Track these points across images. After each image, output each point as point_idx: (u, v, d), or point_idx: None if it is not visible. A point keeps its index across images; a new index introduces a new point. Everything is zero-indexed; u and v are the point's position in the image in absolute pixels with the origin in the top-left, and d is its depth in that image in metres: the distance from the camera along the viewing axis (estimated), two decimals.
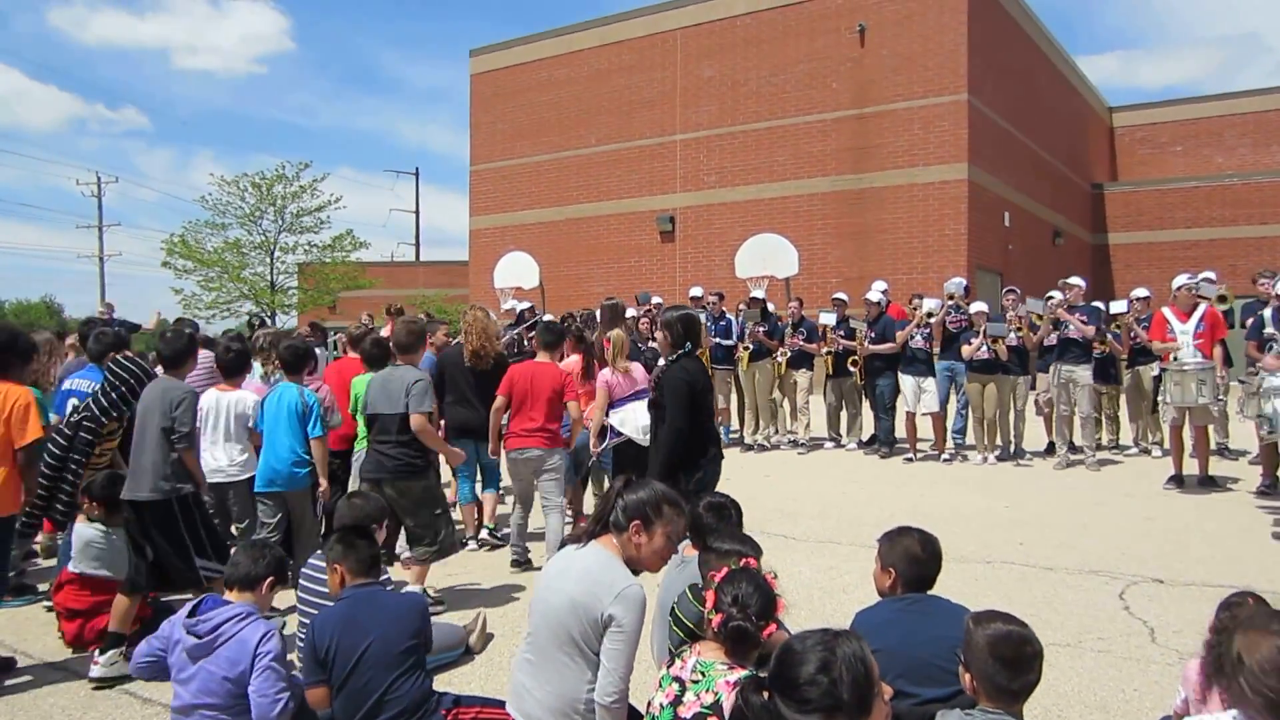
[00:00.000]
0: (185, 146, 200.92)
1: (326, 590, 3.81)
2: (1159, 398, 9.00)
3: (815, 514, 7.72)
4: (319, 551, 4.17)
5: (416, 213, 46.41)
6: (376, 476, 5.23)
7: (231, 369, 5.79)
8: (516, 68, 25.32)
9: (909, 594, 3.22)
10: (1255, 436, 8.33)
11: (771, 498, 8.48)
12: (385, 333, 7.76)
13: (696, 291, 13.23)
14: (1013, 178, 21.55)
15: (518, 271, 16.27)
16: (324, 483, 5.65)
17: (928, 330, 10.45)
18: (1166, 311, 8.82)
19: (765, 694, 2.05)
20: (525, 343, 12.00)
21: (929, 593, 3.27)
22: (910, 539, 3.25)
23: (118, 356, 5.40)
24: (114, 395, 5.20)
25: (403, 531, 5.44)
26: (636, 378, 6.65)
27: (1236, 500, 8.09)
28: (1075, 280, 10.27)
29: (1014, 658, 2.40)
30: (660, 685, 2.78)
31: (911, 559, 3.20)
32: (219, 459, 5.72)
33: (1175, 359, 8.36)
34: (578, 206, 24.16)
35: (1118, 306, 10.52)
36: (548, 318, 13.07)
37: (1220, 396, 8.55)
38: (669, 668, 2.80)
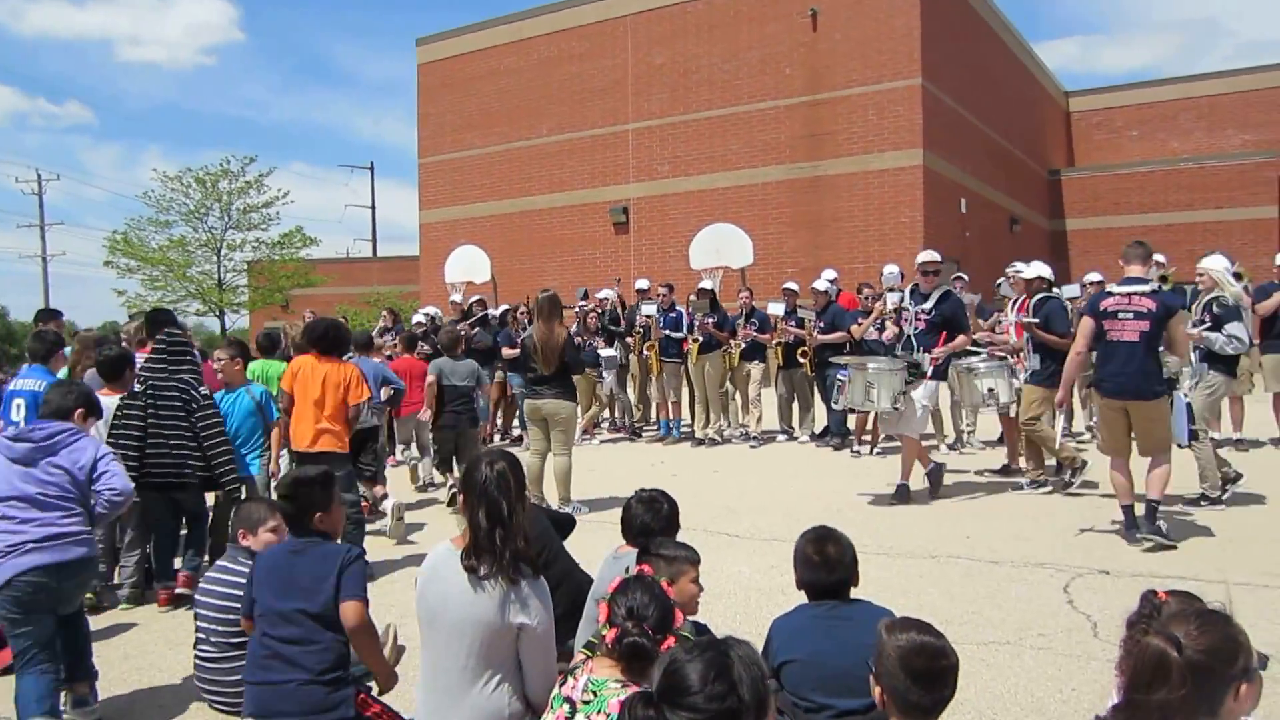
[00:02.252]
0: (132, 142, 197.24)
1: (223, 597, 3.85)
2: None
3: (760, 510, 7.48)
4: (221, 561, 4.08)
5: (373, 208, 45.87)
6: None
7: (112, 372, 5.66)
8: (464, 56, 24.87)
9: (823, 599, 3.01)
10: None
11: (718, 494, 8.26)
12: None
13: (643, 284, 12.98)
14: (969, 164, 21.48)
15: (469, 265, 16.04)
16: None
17: (880, 322, 10.20)
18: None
19: (654, 710, 1.81)
20: (470, 340, 11.75)
21: (854, 597, 3.06)
22: (804, 541, 3.05)
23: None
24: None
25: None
26: None
27: (1184, 488, 7.94)
28: (1021, 266, 10.11)
29: (926, 671, 2.18)
30: (551, 706, 2.59)
31: (806, 563, 3.01)
32: None
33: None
34: (529, 198, 23.81)
35: (1070, 291, 10.38)
36: (502, 309, 12.84)
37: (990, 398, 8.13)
38: (560, 687, 2.60)
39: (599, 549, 3.94)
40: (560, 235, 23.38)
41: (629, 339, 12.00)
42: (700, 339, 11.05)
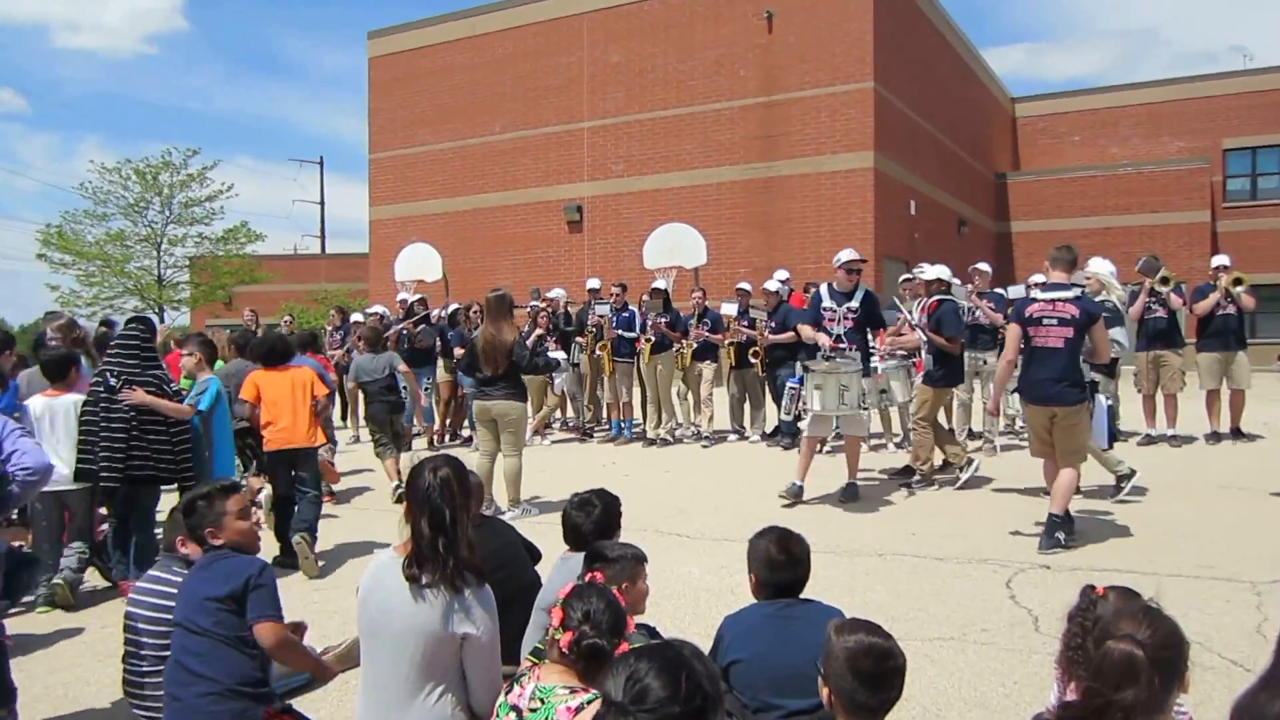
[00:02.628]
0: (68, 132, 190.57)
1: (157, 608, 3.64)
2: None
3: (711, 510, 7.52)
4: (153, 570, 3.89)
5: (321, 203, 45.17)
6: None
7: (56, 372, 5.63)
8: (417, 51, 24.59)
9: (779, 599, 3.03)
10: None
11: (669, 494, 8.27)
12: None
13: (594, 283, 12.96)
14: (918, 166, 21.81)
15: (420, 264, 15.85)
16: None
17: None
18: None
19: (630, 716, 1.80)
20: (414, 339, 11.62)
21: (803, 596, 3.09)
22: (767, 540, 3.07)
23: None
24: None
25: None
26: None
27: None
28: (983, 266, 10.29)
29: (874, 673, 2.21)
30: (497, 715, 2.56)
31: (767, 562, 3.02)
32: (59, 467, 5.37)
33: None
34: (483, 196, 23.62)
35: (1015, 291, 10.60)
36: (452, 308, 12.71)
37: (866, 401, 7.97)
38: (506, 695, 2.56)
39: (549, 551, 3.94)
40: (513, 233, 23.24)
41: (580, 339, 11.97)
42: (653, 339, 11.07)
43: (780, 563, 3.00)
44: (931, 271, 8.54)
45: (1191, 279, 13.68)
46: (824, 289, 7.90)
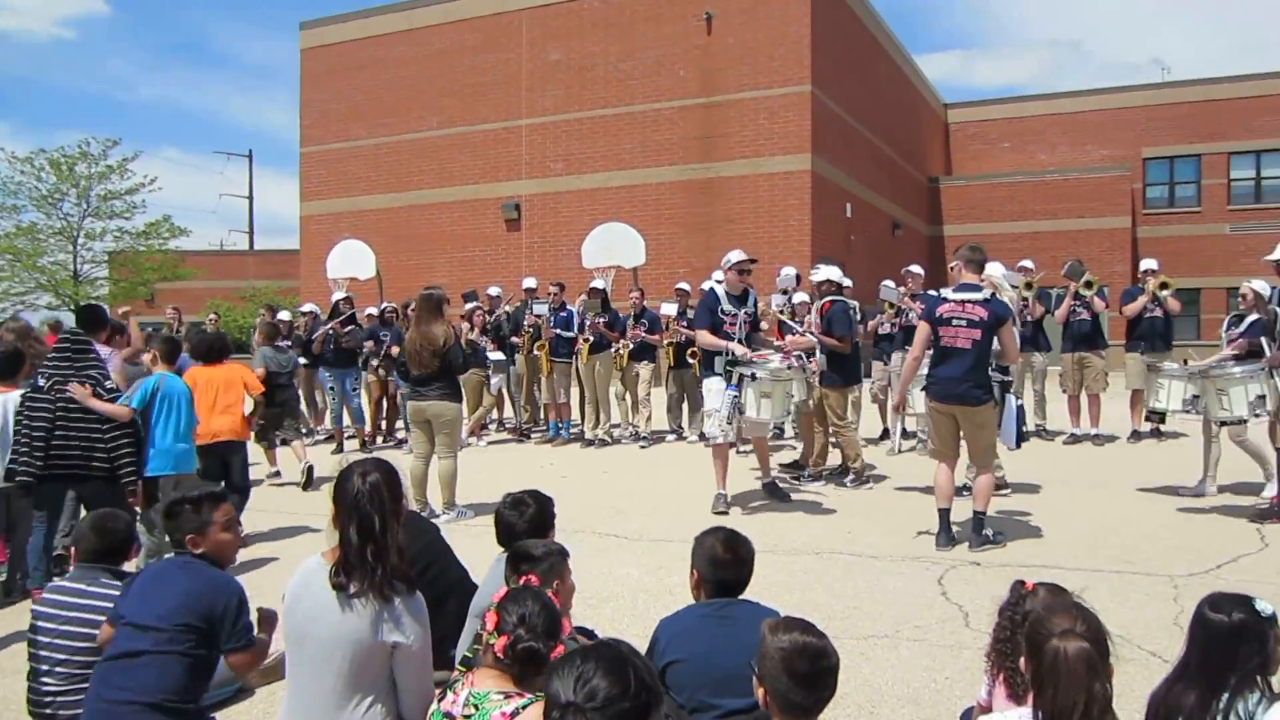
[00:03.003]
0: None
1: (79, 623, 3.49)
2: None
3: (649, 511, 7.50)
4: (72, 582, 3.68)
5: (250, 198, 43.96)
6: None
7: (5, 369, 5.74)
8: (352, 43, 24.17)
9: (716, 599, 3.02)
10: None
11: (607, 495, 8.24)
12: None
13: (530, 282, 12.85)
14: (854, 170, 22.13)
15: (352, 261, 15.47)
16: None
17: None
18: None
19: (583, 716, 1.79)
20: (340, 339, 11.37)
21: (741, 597, 3.08)
22: (713, 539, 3.06)
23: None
24: None
25: None
26: None
27: (1047, 481, 8.36)
28: (916, 269, 10.46)
29: (808, 673, 2.20)
30: None
31: (713, 561, 3.01)
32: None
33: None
34: (418, 192, 23.32)
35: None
36: (384, 307, 12.46)
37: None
38: (439, 702, 2.50)
39: (485, 554, 3.86)
40: (450, 231, 22.97)
41: (516, 339, 11.86)
42: (591, 339, 11.01)
43: (726, 562, 3.00)
44: (823, 273, 8.61)
45: (1114, 283, 14.10)
46: (720, 292, 7.40)
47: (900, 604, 4.98)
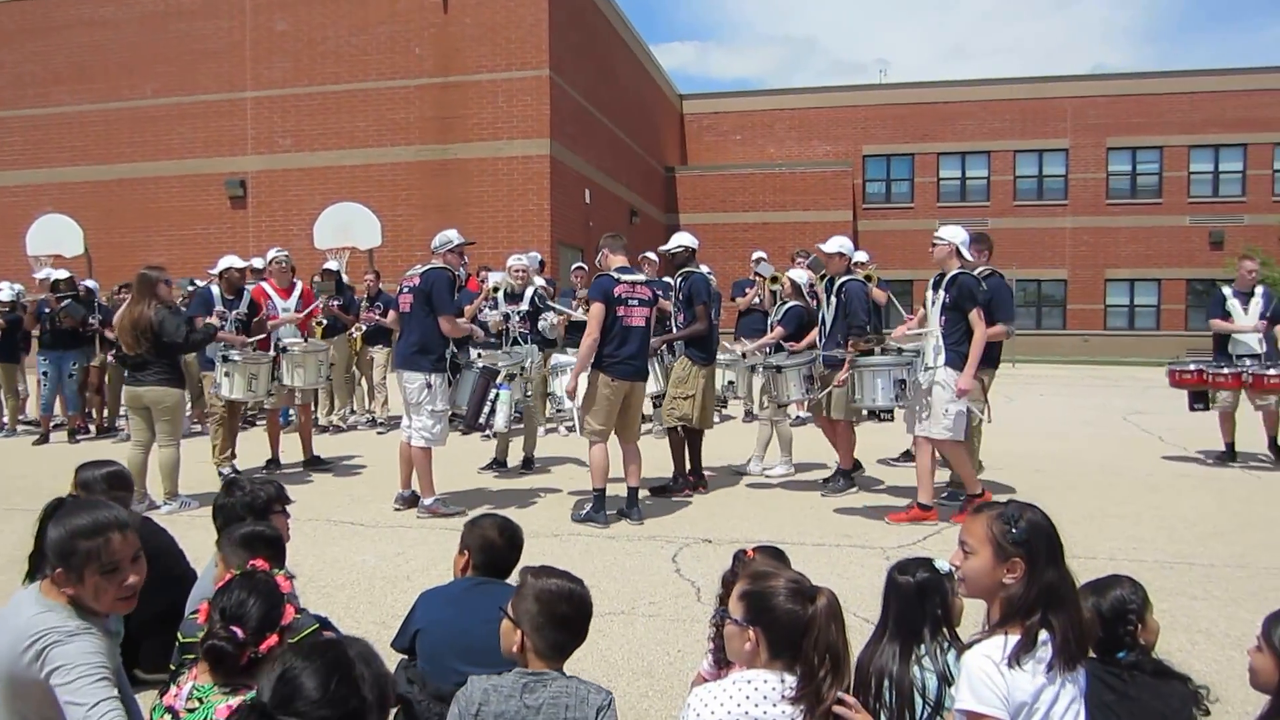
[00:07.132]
0: None
1: None
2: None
3: (386, 497, 7.24)
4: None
5: None
6: None
7: None
8: (50, 0, 21.41)
9: (479, 576, 3.11)
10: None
11: (343, 482, 7.96)
12: None
13: (259, 263, 12.01)
14: (593, 156, 22.51)
15: (56, 237, 14.02)
16: None
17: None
18: None
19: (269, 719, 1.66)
20: (57, 317, 10.33)
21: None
22: (490, 523, 3.19)
23: None
24: None
25: None
26: None
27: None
28: (652, 255, 10.79)
29: (570, 615, 2.35)
30: (151, 717, 2.37)
31: (487, 544, 3.13)
32: None
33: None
34: (131, 165, 21.13)
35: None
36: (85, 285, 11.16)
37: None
38: (161, 696, 2.37)
39: (207, 545, 3.57)
40: (168, 207, 21.01)
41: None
42: (325, 322, 10.44)
43: (499, 546, 3.11)
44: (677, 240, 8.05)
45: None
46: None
47: (636, 581, 5.15)
